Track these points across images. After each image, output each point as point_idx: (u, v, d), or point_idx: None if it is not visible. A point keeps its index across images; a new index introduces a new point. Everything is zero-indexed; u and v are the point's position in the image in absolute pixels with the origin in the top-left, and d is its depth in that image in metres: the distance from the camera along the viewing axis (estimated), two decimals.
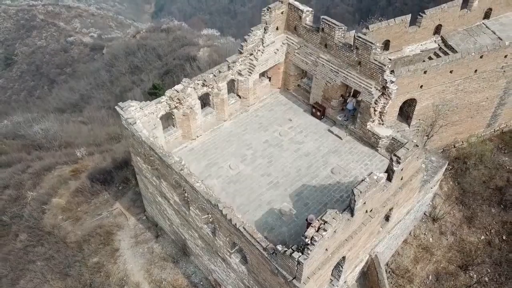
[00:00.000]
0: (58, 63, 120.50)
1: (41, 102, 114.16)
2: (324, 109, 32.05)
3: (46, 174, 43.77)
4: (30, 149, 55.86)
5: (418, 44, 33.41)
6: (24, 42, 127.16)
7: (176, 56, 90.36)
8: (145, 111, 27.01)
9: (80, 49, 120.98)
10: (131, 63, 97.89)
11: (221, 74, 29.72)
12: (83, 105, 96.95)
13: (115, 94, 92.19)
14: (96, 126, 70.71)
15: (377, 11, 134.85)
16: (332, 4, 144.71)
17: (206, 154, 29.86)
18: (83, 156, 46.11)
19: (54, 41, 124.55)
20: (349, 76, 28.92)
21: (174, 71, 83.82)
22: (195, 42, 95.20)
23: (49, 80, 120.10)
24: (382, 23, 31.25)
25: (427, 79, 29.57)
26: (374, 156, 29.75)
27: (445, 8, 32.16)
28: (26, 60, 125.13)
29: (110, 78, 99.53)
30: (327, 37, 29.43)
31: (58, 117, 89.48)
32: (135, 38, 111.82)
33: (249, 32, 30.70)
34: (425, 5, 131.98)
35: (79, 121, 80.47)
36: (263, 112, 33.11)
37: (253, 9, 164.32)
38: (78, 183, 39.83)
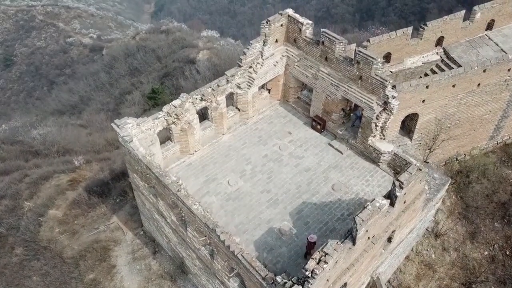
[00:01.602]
0: (57, 64, 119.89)
1: (40, 103, 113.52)
2: (325, 122, 31.36)
3: (43, 184, 43.10)
4: (28, 156, 55.24)
5: (419, 56, 32.69)
6: (23, 43, 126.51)
7: (175, 58, 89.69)
8: (142, 128, 26.32)
9: (80, 50, 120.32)
10: (131, 64, 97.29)
11: (219, 88, 29.02)
12: (83, 107, 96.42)
13: (115, 96, 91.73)
14: (95, 131, 70.05)
15: (377, 11, 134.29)
16: (332, 5, 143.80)
17: (204, 169, 29.18)
18: (80, 164, 45.35)
19: (53, 42, 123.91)
20: (350, 90, 28.23)
21: (173, 74, 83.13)
22: (194, 44, 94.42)
23: (49, 81, 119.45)
24: (383, 35, 30.52)
25: (429, 93, 28.89)
26: (375, 171, 29.07)
27: (447, 20, 31.42)
28: (25, 61, 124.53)
29: (109, 80, 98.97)
30: (328, 50, 28.72)
31: (57, 120, 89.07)
32: (134, 40, 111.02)
33: (248, 44, 30.11)
34: (425, 5, 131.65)
35: (78, 124, 79.83)
36: (262, 125, 32.41)
37: (252, 9, 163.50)
38: (75, 194, 39.19)
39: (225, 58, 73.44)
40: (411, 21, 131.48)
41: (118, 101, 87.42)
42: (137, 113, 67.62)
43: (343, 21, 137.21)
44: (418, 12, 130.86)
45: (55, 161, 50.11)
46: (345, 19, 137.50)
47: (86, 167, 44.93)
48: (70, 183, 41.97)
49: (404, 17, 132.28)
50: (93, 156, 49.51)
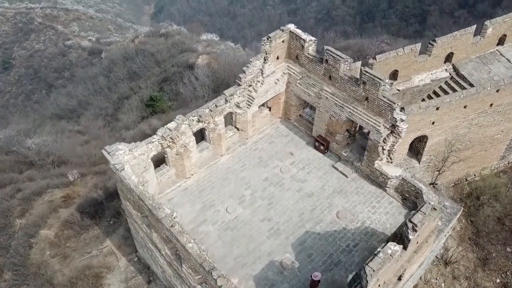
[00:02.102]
0: (56, 67, 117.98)
1: (39, 107, 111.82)
2: (328, 143, 29.56)
3: (36, 200, 41.38)
4: (22, 167, 53.50)
5: (428, 73, 30.81)
6: (22, 46, 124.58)
7: (174, 63, 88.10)
8: (134, 153, 24.49)
9: (79, 53, 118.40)
10: (129, 68, 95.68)
11: (217, 108, 27.22)
12: (81, 111, 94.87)
13: (113, 100, 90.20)
14: (92, 138, 68.24)
15: (378, 13, 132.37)
16: (332, 7, 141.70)
17: (201, 195, 27.39)
18: (75, 179, 43.57)
19: (52, 45, 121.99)
20: (355, 112, 26.42)
21: (172, 79, 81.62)
22: (194, 48, 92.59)
23: (47, 84, 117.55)
24: (390, 53, 28.63)
25: (440, 115, 27.07)
26: (382, 197, 27.30)
27: (458, 35, 29.54)
28: (24, 63, 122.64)
29: (108, 84, 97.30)
30: (332, 69, 26.90)
31: (54, 125, 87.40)
32: (133, 43, 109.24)
33: (248, 63, 28.25)
34: (426, 7, 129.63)
35: (75, 130, 78.01)
36: (262, 145, 30.59)
37: (253, 11, 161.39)
38: (68, 212, 37.37)
39: (224, 64, 71.66)
40: (412, 23, 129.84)
41: (117, 105, 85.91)
42: (135, 121, 66.00)
43: (344, 24, 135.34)
44: (419, 14, 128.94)
45: (49, 174, 48.36)
46: (346, 22, 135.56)
47: (81, 183, 43.20)
48: (63, 199, 40.21)
49: (405, 20, 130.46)
50: (88, 169, 47.75)
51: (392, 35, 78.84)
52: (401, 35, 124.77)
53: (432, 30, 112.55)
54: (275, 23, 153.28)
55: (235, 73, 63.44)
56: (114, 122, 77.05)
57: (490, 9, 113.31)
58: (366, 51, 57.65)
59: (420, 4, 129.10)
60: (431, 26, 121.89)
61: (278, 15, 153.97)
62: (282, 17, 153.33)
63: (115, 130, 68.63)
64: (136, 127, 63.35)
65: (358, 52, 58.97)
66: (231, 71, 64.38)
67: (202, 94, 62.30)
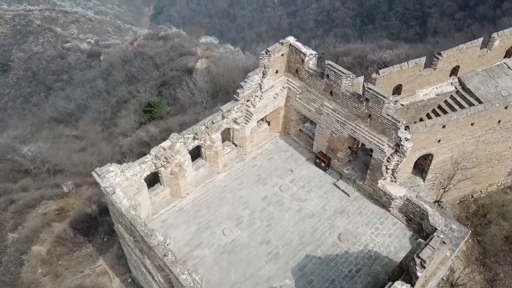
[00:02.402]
0: (54, 69, 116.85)
1: (37, 110, 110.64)
2: (329, 160, 28.28)
3: (30, 212, 40.22)
4: (17, 176, 52.27)
5: (433, 87, 29.50)
6: (20, 48, 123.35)
7: (173, 66, 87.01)
8: (127, 174, 23.21)
9: (77, 56, 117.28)
10: (128, 72, 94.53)
11: (214, 124, 25.89)
12: (79, 115, 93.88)
13: (111, 104, 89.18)
14: (90, 144, 67.05)
15: (378, 15, 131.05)
16: (332, 9, 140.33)
17: (197, 215, 26.11)
18: (70, 190, 42.31)
19: (50, 47, 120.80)
20: (358, 129, 25.14)
21: (171, 83, 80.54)
22: (193, 51, 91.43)
23: (46, 87, 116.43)
24: (394, 67, 27.31)
25: (446, 133, 25.80)
26: (386, 217, 26.04)
27: (464, 48, 28.21)
28: (22, 66, 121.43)
29: (106, 88, 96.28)
30: (333, 84, 25.62)
31: (52, 130, 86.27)
32: (132, 46, 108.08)
33: (246, 77, 26.90)
34: (426, 10, 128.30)
35: (73, 135, 76.86)
36: (261, 161, 29.29)
37: (252, 12, 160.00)
38: (61, 227, 36.16)
39: (223, 68, 70.41)
40: (412, 25, 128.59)
41: (115, 109, 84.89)
42: (133, 127, 64.70)
43: (344, 26, 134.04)
44: (420, 16, 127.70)
45: (44, 184, 47.15)
46: (346, 24, 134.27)
47: (76, 194, 41.99)
48: (57, 212, 39.05)
49: (406, 22, 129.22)
50: (84, 179, 46.50)
51: (393, 40, 77.37)
52: (401, 37, 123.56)
53: (434, 35, 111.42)
54: (275, 25, 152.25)
55: (234, 78, 62.34)
56: (112, 126, 75.87)
57: (491, 12, 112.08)
58: (367, 57, 56.39)
59: (420, 6, 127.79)
60: (431, 28, 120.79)
61: (278, 16, 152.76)
62: (282, 18, 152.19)
63: (112, 136, 67.45)
64: (134, 133, 62.14)
65: (359, 58, 57.72)
66: (230, 76, 63.18)
67: (200, 100, 61.12)
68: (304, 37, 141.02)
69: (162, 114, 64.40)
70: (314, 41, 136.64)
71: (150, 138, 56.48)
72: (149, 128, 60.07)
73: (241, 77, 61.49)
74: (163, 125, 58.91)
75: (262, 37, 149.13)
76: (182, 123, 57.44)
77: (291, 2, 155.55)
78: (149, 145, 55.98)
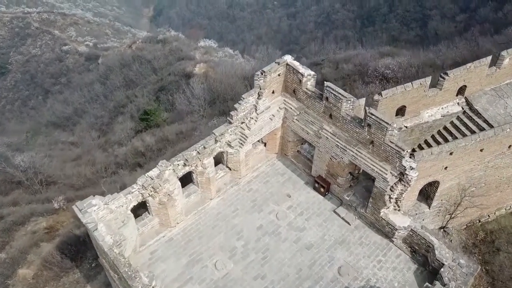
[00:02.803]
0: (52, 72, 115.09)
1: (35, 113, 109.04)
2: (329, 185, 26.46)
3: (19, 230, 38.53)
4: (8, 187, 50.62)
5: (438, 107, 27.61)
6: (18, 51, 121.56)
7: (171, 71, 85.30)
8: (111, 207, 21.43)
9: (75, 59, 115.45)
10: (126, 76, 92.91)
11: (206, 149, 24.04)
12: (77, 119, 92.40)
13: (109, 109, 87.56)
14: (85, 151, 65.42)
15: (378, 18, 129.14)
16: (332, 10, 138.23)
17: (188, 246, 24.30)
18: (60, 206, 40.55)
19: (49, 50, 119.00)
20: (359, 156, 23.33)
21: (169, 88, 78.94)
22: (191, 56, 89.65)
23: (44, 90, 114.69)
24: (397, 88, 25.41)
25: (453, 160, 23.99)
26: (389, 249, 24.25)
27: (471, 68, 26.31)
28: (20, 69, 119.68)
29: (104, 92, 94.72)
30: (332, 107, 23.80)
31: (48, 135, 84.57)
32: (130, 49, 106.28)
33: (240, 99, 25.04)
34: (427, 12, 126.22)
35: (69, 142, 75.11)
36: (257, 185, 27.45)
37: (252, 14, 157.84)
38: (50, 247, 34.39)
39: (221, 75, 68.47)
40: (412, 27, 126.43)
41: (113, 114, 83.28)
42: (129, 135, 62.93)
43: (344, 28, 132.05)
44: (420, 18, 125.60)
45: (36, 198, 45.46)
46: (346, 26, 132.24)
47: (66, 211, 40.26)
48: (46, 231, 37.36)
49: (406, 24, 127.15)
50: (76, 193, 44.86)
51: (394, 46, 75.48)
52: (402, 39, 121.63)
53: (435, 38, 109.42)
54: (274, 26, 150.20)
55: (231, 84, 60.43)
56: (109, 132, 74.16)
57: (492, 14, 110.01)
58: (368, 65, 54.49)
59: (421, 9, 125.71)
60: (432, 30, 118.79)
61: (278, 18, 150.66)
62: (281, 20, 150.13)
63: (108, 144, 65.66)
64: (130, 142, 60.49)
65: (360, 65, 55.81)
66: (227, 83, 61.23)
67: (197, 108, 59.34)
68: (304, 39, 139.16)
69: (159, 122, 62.66)
70: (314, 42, 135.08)
71: (145, 148, 54.76)
72: (145, 137, 58.38)
73: (239, 84, 59.87)
74: (160, 134, 57.19)
75: (261, 39, 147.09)
76: (178, 132, 55.79)
77: (291, 3, 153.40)
78: (145, 155, 54.36)
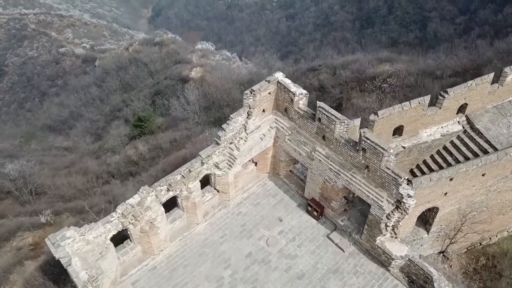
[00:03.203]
0: (49, 74, 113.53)
1: (31, 116, 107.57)
2: (323, 208, 24.90)
3: (4, 245, 37.01)
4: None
5: (438, 126, 25.97)
6: (15, 52, 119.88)
7: (168, 75, 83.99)
8: (88, 237, 19.85)
9: (72, 61, 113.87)
10: (122, 79, 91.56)
11: (191, 173, 22.46)
12: (72, 122, 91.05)
13: (105, 113, 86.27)
14: (78, 157, 63.99)
15: (377, 19, 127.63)
16: (331, 12, 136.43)
17: (172, 276, 22.77)
18: (48, 221, 39.04)
19: (45, 52, 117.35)
20: (353, 181, 21.77)
21: (165, 92, 77.68)
22: (188, 59, 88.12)
23: (40, 93, 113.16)
24: (394, 107, 23.76)
25: (454, 185, 22.42)
26: (385, 278, 22.74)
27: (473, 85, 24.67)
28: (17, 71, 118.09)
29: (100, 95, 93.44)
30: (325, 129, 22.23)
31: (42, 140, 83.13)
32: (127, 51, 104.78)
33: (228, 119, 23.42)
34: (426, 14, 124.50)
35: (63, 147, 73.55)
36: (247, 208, 25.90)
37: (251, 15, 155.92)
38: (34, 266, 32.87)
39: (217, 79, 66.84)
40: (412, 29, 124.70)
41: (108, 118, 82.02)
42: (123, 141, 61.50)
43: (343, 29, 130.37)
44: (419, 20, 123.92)
45: (24, 210, 43.92)
46: (345, 27, 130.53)
47: (54, 225, 38.75)
48: (32, 247, 35.85)
49: (405, 26, 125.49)
50: (65, 205, 43.40)
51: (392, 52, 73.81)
52: (401, 41, 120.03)
53: (434, 41, 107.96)
54: (273, 28, 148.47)
55: (227, 90, 58.87)
56: (105, 135, 72.72)
57: (492, 16, 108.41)
58: (366, 72, 52.94)
59: (420, 10, 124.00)
60: (431, 32, 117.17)
61: (277, 19, 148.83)
62: (280, 21, 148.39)
63: (101, 150, 64.17)
64: (123, 149, 59.06)
65: (357, 72, 54.22)
66: (223, 89, 59.65)
67: (192, 115, 57.87)
68: (303, 40, 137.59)
69: (153, 128, 61.15)
70: (312, 44, 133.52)
71: (138, 157, 53.31)
72: (138, 145, 56.94)
73: (235, 89, 58.32)
74: (153, 142, 55.67)
75: (260, 40, 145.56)
76: (172, 140, 54.28)
77: (290, 5, 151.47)
78: (138, 164, 52.86)
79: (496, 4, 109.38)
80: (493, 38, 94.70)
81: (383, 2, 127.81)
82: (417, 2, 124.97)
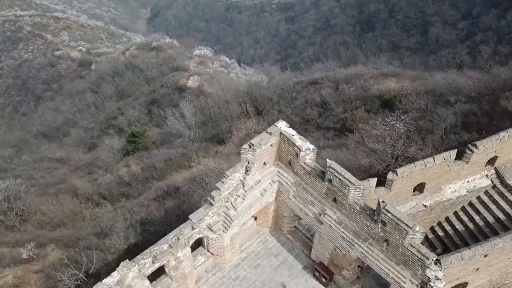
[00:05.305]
0: (44, 78, 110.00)
1: (26, 120, 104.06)
2: (332, 275, 21.35)
3: None
4: None
5: (463, 181, 22.40)
6: (10, 55, 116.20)
7: (164, 82, 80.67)
8: None
9: (68, 64, 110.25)
10: (118, 85, 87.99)
11: (180, 241, 18.90)
12: (67, 129, 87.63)
13: (100, 121, 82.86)
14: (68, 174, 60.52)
15: (378, 23, 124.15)
16: (331, 15, 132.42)
17: None
18: (30, 256, 35.78)
19: (41, 55, 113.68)
20: (370, 254, 18.21)
21: (161, 102, 74.13)
22: (185, 66, 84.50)
23: (35, 96, 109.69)
24: (416, 164, 20.13)
25: (487, 260, 18.91)
26: None
27: (505, 137, 21.05)
28: (12, 74, 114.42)
29: (95, 101, 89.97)
30: (337, 191, 18.63)
31: (35, 150, 79.82)
32: (124, 55, 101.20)
33: (224, 177, 19.81)
34: (428, 18, 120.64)
35: (55, 159, 69.96)
36: (245, 271, 22.33)
37: (250, 17, 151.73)
38: None
39: (215, 91, 63.22)
40: (413, 34, 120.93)
41: (103, 126, 78.62)
42: (116, 158, 58.00)
43: (343, 33, 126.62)
44: (421, 25, 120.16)
45: (6, 240, 40.62)
46: (345, 31, 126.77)
47: (35, 262, 35.48)
48: None
49: (406, 30, 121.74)
50: (50, 234, 40.18)
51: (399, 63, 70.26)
52: (402, 46, 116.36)
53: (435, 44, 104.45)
54: (272, 30, 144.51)
55: (225, 103, 55.33)
56: (98, 146, 69.05)
57: (495, 22, 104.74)
58: (370, 88, 49.46)
59: (422, 15, 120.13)
60: (433, 37, 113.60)
61: (276, 22, 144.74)
62: (279, 24, 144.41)
63: (94, 165, 60.63)
64: (116, 166, 55.60)
65: (362, 89, 50.82)
66: (221, 104, 55.98)
67: (188, 132, 54.43)
68: (302, 43, 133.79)
69: (147, 144, 57.64)
70: (312, 47, 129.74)
71: (131, 177, 49.89)
72: (131, 163, 53.52)
73: (233, 102, 54.73)
74: (147, 161, 52.28)
75: (259, 43, 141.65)
76: (167, 159, 50.99)
77: (289, 7, 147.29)
78: (130, 185, 49.47)
79: (499, 10, 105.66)
80: (496, 44, 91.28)
81: (384, 5, 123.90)
82: (418, 6, 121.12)
